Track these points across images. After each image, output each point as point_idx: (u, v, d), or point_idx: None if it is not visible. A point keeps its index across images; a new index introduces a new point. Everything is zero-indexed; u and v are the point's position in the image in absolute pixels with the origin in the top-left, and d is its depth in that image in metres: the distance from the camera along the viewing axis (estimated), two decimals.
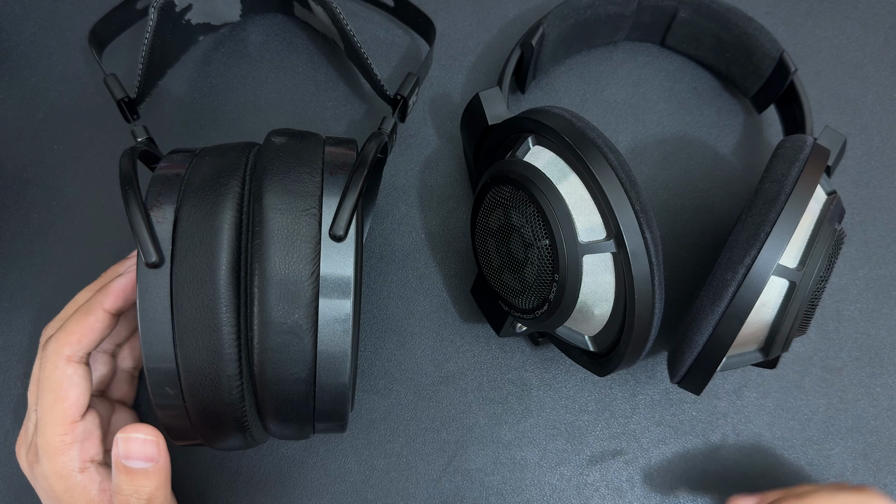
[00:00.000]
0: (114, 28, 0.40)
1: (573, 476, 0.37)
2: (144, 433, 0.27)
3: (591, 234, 0.29)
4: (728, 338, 0.29)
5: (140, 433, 0.27)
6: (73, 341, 0.30)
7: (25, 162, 0.41)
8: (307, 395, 0.27)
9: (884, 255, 0.41)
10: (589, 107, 0.43)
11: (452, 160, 0.42)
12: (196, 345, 0.26)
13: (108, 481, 0.30)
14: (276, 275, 0.26)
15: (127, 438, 0.27)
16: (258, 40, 0.43)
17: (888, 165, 0.42)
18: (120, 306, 0.31)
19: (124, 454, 0.27)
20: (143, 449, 0.27)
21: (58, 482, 0.29)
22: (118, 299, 0.30)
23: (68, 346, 0.29)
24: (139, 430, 0.27)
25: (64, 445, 0.29)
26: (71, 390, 0.29)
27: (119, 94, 0.35)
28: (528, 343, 0.39)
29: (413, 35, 0.44)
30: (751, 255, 0.29)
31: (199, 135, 0.42)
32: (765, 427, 0.38)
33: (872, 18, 0.45)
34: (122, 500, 0.28)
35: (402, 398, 0.38)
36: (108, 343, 0.34)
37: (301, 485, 0.37)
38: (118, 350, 0.35)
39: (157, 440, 0.28)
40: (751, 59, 0.40)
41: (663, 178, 0.42)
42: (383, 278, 0.40)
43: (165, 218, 0.27)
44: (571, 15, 0.39)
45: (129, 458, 0.27)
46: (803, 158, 0.31)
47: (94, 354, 0.33)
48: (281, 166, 0.28)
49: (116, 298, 0.30)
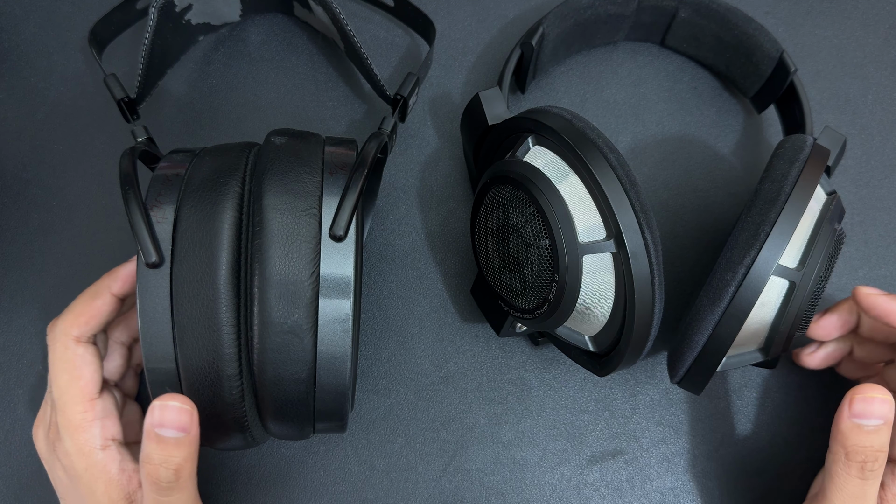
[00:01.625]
0: (114, 28, 0.40)
1: (573, 476, 0.37)
2: (180, 402, 0.27)
3: (591, 234, 0.29)
4: (728, 338, 0.29)
5: (176, 402, 0.27)
6: (81, 323, 0.30)
7: (25, 162, 0.41)
8: (307, 395, 0.27)
9: (884, 255, 0.41)
10: (589, 107, 0.43)
11: (452, 160, 0.42)
12: (196, 345, 0.26)
13: (127, 461, 0.30)
14: (276, 275, 0.26)
15: (164, 406, 0.27)
16: (258, 40, 0.43)
17: (888, 165, 0.42)
18: (127, 290, 0.31)
19: (159, 421, 0.27)
20: (179, 417, 0.27)
21: (79, 459, 0.30)
22: (126, 283, 0.31)
23: (76, 328, 0.30)
24: (175, 399, 0.27)
25: (86, 422, 0.30)
26: (84, 368, 0.30)
27: (119, 94, 0.35)
28: (528, 343, 0.39)
29: (413, 35, 0.44)
30: (751, 255, 0.29)
31: (199, 135, 0.42)
32: (765, 427, 0.38)
33: (872, 18, 0.45)
34: (150, 469, 0.28)
35: (402, 398, 0.38)
36: (124, 335, 0.34)
37: (301, 485, 0.37)
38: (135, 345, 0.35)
39: (192, 411, 0.27)
40: (751, 59, 0.40)
41: (663, 178, 0.42)
42: (383, 278, 0.40)
43: (165, 218, 0.27)
44: (571, 15, 0.39)
45: (163, 425, 0.27)
46: (803, 158, 0.31)
47: (112, 345, 0.34)
48: (281, 166, 0.28)
49: (124, 283, 0.31)
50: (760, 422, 0.38)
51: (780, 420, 0.38)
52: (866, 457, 0.30)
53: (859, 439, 0.30)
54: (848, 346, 0.36)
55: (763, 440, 0.38)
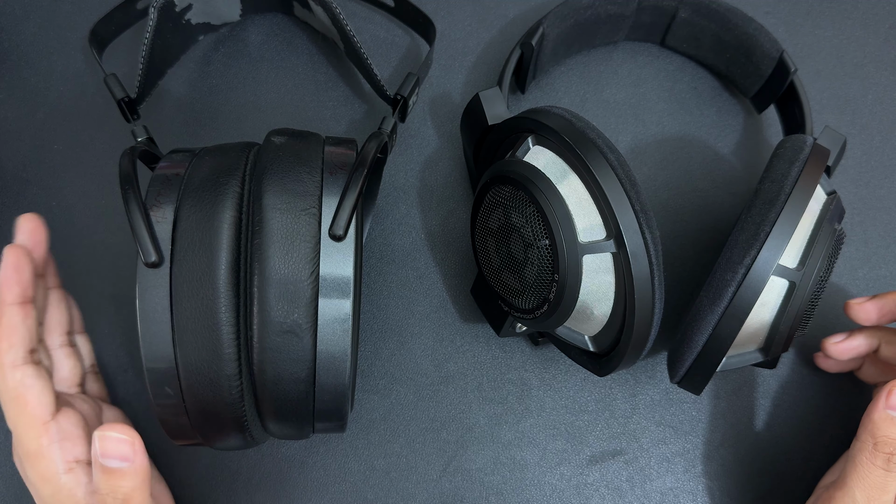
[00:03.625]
0: (114, 28, 0.40)
1: (573, 476, 0.37)
2: (119, 432, 0.27)
3: (591, 234, 0.29)
4: (728, 338, 0.29)
5: (115, 432, 0.27)
6: (3, 349, 0.28)
7: (25, 162, 0.41)
8: (307, 395, 0.27)
9: (884, 255, 0.41)
10: (589, 107, 0.43)
11: (452, 160, 0.42)
12: (195, 344, 0.26)
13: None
14: (276, 274, 0.26)
15: (102, 436, 0.27)
16: (258, 40, 0.43)
17: (888, 165, 0.42)
18: (18, 292, 0.29)
19: (100, 452, 0.27)
20: (118, 448, 0.27)
21: (44, 486, 0.29)
22: (11, 287, 0.29)
23: (2, 355, 0.28)
24: (114, 429, 0.27)
25: (42, 448, 0.28)
26: (28, 393, 0.28)
27: (119, 94, 0.35)
28: (528, 343, 0.39)
29: (413, 35, 0.44)
30: (751, 255, 0.29)
31: (199, 135, 0.42)
32: (765, 427, 0.38)
33: (872, 18, 0.45)
34: (100, 500, 0.28)
35: (402, 398, 0.38)
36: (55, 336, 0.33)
37: (301, 485, 0.37)
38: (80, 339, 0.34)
39: (133, 441, 0.27)
40: (751, 59, 0.40)
41: (663, 178, 0.42)
42: (383, 278, 0.40)
43: (165, 218, 0.27)
44: (571, 15, 0.39)
45: (105, 456, 0.27)
46: (803, 158, 0.31)
47: (54, 351, 0.32)
48: (281, 166, 0.28)
49: (10, 288, 0.29)
50: (760, 422, 0.38)
51: (780, 420, 0.38)
52: (894, 449, 0.30)
53: (890, 431, 0.30)
54: (875, 342, 0.35)
55: (763, 440, 0.38)
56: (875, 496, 0.30)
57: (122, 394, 0.37)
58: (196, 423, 0.27)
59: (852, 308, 0.34)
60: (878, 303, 0.34)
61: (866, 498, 0.30)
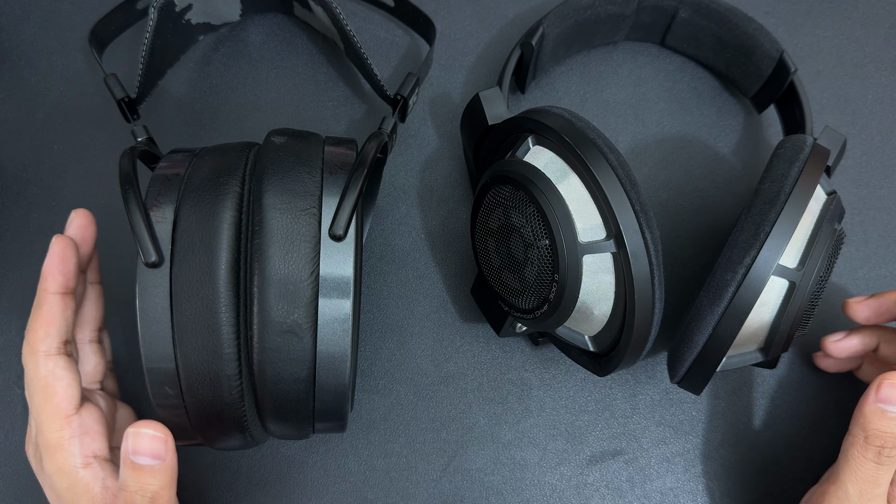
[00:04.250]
0: (114, 28, 0.40)
1: (573, 476, 0.37)
2: (154, 429, 0.27)
3: (591, 234, 0.29)
4: (728, 338, 0.29)
5: (150, 429, 0.27)
6: (39, 337, 0.29)
7: (25, 162, 0.41)
8: (307, 395, 0.27)
9: (884, 255, 0.41)
10: (589, 107, 0.43)
11: (452, 160, 0.42)
12: (195, 344, 0.26)
13: (112, 478, 0.29)
14: (276, 274, 0.26)
15: (136, 433, 0.27)
16: (258, 40, 0.43)
17: (888, 165, 0.42)
18: (62, 282, 0.30)
19: (132, 450, 0.27)
20: (152, 446, 0.27)
21: (60, 479, 0.29)
22: (56, 276, 0.29)
23: (39, 343, 0.29)
24: (149, 427, 0.27)
25: (63, 441, 0.29)
26: (57, 384, 0.29)
27: (119, 94, 0.35)
28: (528, 343, 0.39)
29: (413, 35, 0.44)
30: (751, 255, 0.29)
31: (199, 135, 0.42)
32: (765, 427, 0.38)
33: (872, 18, 0.45)
34: (127, 497, 0.28)
35: (402, 398, 0.38)
36: (86, 331, 0.33)
37: (301, 485, 0.37)
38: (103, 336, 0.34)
39: (167, 438, 0.27)
40: (751, 59, 0.40)
41: (663, 178, 0.42)
42: (383, 278, 0.40)
43: (165, 218, 0.27)
44: (571, 15, 0.39)
45: (137, 453, 0.27)
46: (803, 158, 0.31)
47: (82, 345, 0.33)
48: (281, 166, 0.28)
49: (54, 277, 0.29)
50: (760, 422, 0.38)
51: (780, 420, 0.38)
52: (885, 442, 0.29)
53: (881, 424, 0.30)
54: (874, 341, 0.35)
55: (763, 440, 0.38)
56: (867, 489, 0.30)
57: (123, 394, 0.37)
58: (196, 423, 0.28)
59: (851, 307, 0.35)
60: (876, 302, 0.34)
61: (858, 491, 0.30)
